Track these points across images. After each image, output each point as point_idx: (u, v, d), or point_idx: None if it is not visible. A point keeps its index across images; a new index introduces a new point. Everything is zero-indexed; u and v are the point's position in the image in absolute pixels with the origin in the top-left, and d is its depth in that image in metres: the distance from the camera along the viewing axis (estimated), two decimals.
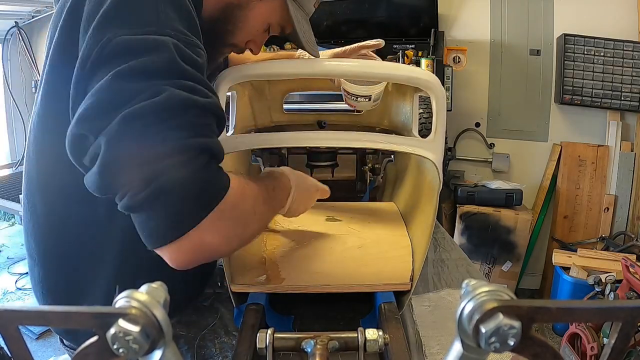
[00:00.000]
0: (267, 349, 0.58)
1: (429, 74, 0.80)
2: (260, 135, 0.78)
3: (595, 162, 2.68)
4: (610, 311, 0.28)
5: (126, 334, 0.25)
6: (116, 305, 0.26)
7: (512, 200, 2.52)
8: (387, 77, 0.91)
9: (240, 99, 1.07)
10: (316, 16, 0.87)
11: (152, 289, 0.27)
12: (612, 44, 2.50)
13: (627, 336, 0.28)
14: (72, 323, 0.26)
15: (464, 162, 2.91)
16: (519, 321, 0.25)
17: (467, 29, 2.80)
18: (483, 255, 2.58)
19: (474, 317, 0.25)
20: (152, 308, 0.25)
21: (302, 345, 0.59)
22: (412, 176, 1.08)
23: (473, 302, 0.25)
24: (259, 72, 0.83)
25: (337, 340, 0.58)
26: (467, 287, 0.26)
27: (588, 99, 2.57)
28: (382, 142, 0.75)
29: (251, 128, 1.23)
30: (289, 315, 0.87)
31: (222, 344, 0.81)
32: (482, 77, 2.83)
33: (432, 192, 0.84)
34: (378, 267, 0.85)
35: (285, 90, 1.31)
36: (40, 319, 0.27)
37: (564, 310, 0.27)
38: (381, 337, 0.58)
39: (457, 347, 0.27)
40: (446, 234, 1.35)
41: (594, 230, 2.69)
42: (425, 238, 0.83)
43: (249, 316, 0.76)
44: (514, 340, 0.25)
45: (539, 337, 0.26)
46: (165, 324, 0.26)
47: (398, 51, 2.35)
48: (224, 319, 0.90)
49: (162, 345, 0.26)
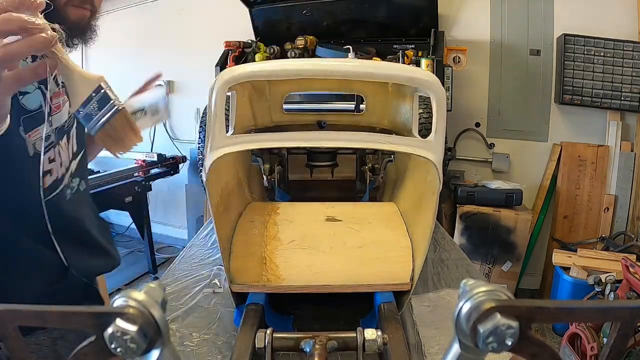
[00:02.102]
0: (266, 349, 0.59)
1: (429, 74, 0.80)
2: (260, 135, 0.78)
3: (595, 162, 2.68)
4: (609, 311, 0.28)
5: (124, 334, 0.25)
6: (114, 304, 0.26)
7: (512, 200, 2.52)
8: (387, 77, 0.91)
9: (240, 99, 1.07)
10: (316, 16, 0.87)
11: (150, 288, 0.27)
12: (612, 44, 2.50)
13: (626, 336, 0.28)
14: (69, 323, 0.26)
15: (464, 162, 2.92)
16: (517, 321, 0.25)
17: (467, 29, 2.80)
18: (483, 255, 2.58)
19: (472, 317, 0.25)
20: (149, 308, 0.25)
21: (301, 345, 0.59)
22: (412, 176, 1.08)
23: (471, 302, 0.25)
24: (259, 72, 0.83)
25: (336, 340, 0.58)
26: (464, 287, 0.26)
27: (588, 99, 2.57)
28: (382, 142, 0.75)
29: (251, 128, 1.23)
30: (289, 315, 0.87)
31: (221, 344, 0.81)
32: (482, 77, 2.83)
33: (432, 192, 0.84)
34: (378, 267, 0.85)
35: (285, 90, 1.31)
36: (38, 318, 0.27)
37: (561, 310, 0.27)
38: (380, 337, 0.58)
39: (454, 347, 0.27)
40: (446, 234, 1.35)
41: (594, 230, 2.69)
42: (425, 238, 0.83)
43: (248, 316, 0.76)
44: (511, 340, 0.25)
45: (537, 337, 0.26)
46: (163, 323, 0.26)
47: (398, 51, 2.35)
48: (223, 319, 0.90)
49: (159, 344, 0.26)
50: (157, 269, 3.26)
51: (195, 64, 3.36)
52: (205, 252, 1.20)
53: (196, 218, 3.47)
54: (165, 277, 1.07)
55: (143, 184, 3.05)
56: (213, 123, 0.74)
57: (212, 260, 1.15)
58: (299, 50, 2.41)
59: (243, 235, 0.95)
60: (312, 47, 2.45)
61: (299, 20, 2.53)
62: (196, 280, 1.05)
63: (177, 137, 3.63)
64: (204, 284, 1.03)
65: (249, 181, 1.20)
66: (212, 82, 0.77)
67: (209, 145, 0.74)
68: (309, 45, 2.42)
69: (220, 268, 1.07)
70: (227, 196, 0.96)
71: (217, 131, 0.74)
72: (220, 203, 0.88)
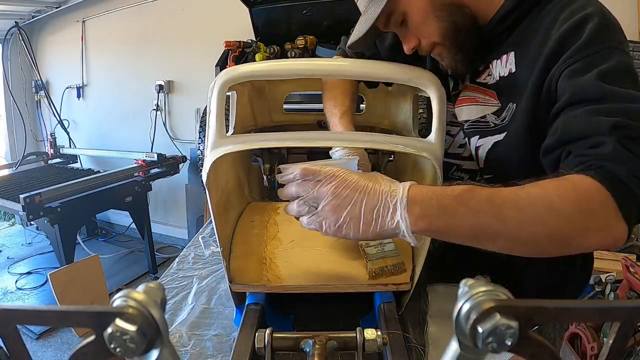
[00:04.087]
0: (265, 349, 0.59)
1: (429, 74, 0.80)
2: (260, 135, 0.78)
3: None
4: (608, 311, 0.28)
5: (123, 334, 0.25)
6: (113, 304, 0.26)
7: None
8: (387, 77, 0.90)
9: (240, 99, 1.07)
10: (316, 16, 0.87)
11: (149, 288, 0.27)
12: None
13: (626, 336, 0.28)
14: (69, 322, 0.26)
15: None
16: (516, 321, 0.25)
17: None
18: None
19: (471, 317, 0.25)
20: (149, 307, 0.25)
21: (300, 345, 0.59)
22: (412, 176, 1.08)
23: (470, 302, 0.25)
24: (259, 72, 0.83)
25: (335, 340, 0.58)
26: (464, 287, 0.26)
27: None
28: (382, 142, 0.75)
29: (251, 128, 1.23)
30: (289, 315, 0.87)
31: (221, 344, 0.82)
32: None
33: None
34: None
35: (285, 91, 1.31)
36: (37, 318, 0.27)
37: (561, 310, 0.27)
38: (380, 337, 0.58)
39: (454, 347, 0.27)
40: None
41: None
42: (425, 238, 0.82)
43: (248, 316, 0.77)
44: (511, 341, 0.25)
45: (537, 337, 0.26)
46: (162, 323, 0.26)
47: None
48: (223, 318, 0.90)
49: (159, 344, 0.26)
50: (157, 269, 3.27)
51: (195, 64, 3.36)
52: (205, 251, 1.20)
53: (196, 218, 3.47)
54: (164, 277, 1.07)
55: (143, 184, 3.06)
56: (213, 123, 0.74)
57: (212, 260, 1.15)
58: (299, 50, 2.41)
59: (243, 235, 0.95)
60: (312, 47, 2.45)
61: (299, 20, 2.53)
62: (196, 280, 1.05)
63: (177, 137, 3.63)
64: (203, 284, 1.03)
65: (249, 181, 1.20)
66: (212, 82, 0.77)
67: (209, 145, 0.74)
68: (309, 45, 2.42)
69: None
70: (227, 196, 0.96)
71: (217, 131, 0.74)
72: (220, 203, 0.88)
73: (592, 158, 0.58)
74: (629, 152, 0.57)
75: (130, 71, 3.73)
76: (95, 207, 2.99)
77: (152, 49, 3.58)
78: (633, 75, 0.64)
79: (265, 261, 0.86)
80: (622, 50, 0.65)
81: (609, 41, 0.65)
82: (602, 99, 0.61)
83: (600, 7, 0.69)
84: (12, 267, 3.34)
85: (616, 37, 0.67)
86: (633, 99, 0.60)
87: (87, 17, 3.84)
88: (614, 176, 0.56)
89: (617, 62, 0.63)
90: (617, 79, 0.62)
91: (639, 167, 0.56)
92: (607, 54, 0.64)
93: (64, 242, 2.54)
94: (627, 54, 0.65)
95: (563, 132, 0.64)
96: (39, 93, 4.27)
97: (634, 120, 0.58)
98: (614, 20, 0.69)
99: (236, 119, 1.05)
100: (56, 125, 4.08)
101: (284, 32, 2.57)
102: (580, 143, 0.61)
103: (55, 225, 2.50)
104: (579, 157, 0.61)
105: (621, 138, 0.57)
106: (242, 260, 0.86)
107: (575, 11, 0.69)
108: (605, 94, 0.61)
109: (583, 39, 0.65)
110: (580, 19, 0.67)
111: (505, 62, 0.79)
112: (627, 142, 0.57)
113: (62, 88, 4.12)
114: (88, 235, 3.95)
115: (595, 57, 0.64)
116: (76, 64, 3.98)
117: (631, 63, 0.65)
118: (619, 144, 0.57)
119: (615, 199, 0.56)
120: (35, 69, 4.16)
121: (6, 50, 4.08)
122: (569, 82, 0.65)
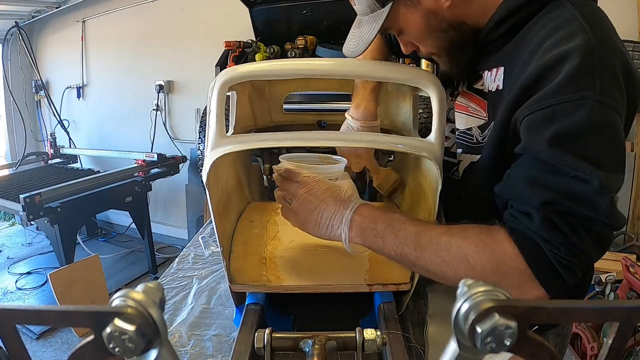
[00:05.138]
0: (265, 349, 0.59)
1: (429, 74, 0.80)
2: (260, 135, 0.78)
3: None
4: (607, 311, 0.27)
5: (122, 333, 0.25)
6: (112, 304, 0.26)
7: None
8: (387, 77, 0.91)
9: (240, 99, 1.07)
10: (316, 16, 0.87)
11: (148, 288, 0.27)
12: None
13: (625, 336, 0.28)
14: (68, 322, 0.26)
15: None
16: (515, 321, 0.25)
17: None
18: None
19: (470, 317, 0.25)
20: (148, 307, 0.25)
21: (300, 344, 0.59)
22: (412, 176, 1.08)
23: (469, 302, 0.25)
24: (259, 72, 0.83)
25: (335, 340, 0.58)
26: (463, 287, 0.26)
27: None
28: (382, 142, 0.75)
29: (251, 128, 1.23)
30: (289, 315, 0.87)
31: (221, 344, 0.82)
32: None
33: (432, 192, 0.84)
34: (378, 267, 0.85)
35: (285, 90, 1.31)
36: (37, 318, 0.27)
37: (560, 310, 0.27)
38: (379, 337, 0.58)
39: (453, 347, 0.27)
40: None
41: None
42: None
43: (248, 316, 0.76)
44: (510, 341, 0.25)
45: (536, 337, 0.26)
46: (161, 323, 0.26)
47: None
48: (223, 318, 0.90)
49: (158, 344, 0.26)
50: (157, 269, 3.27)
51: (195, 64, 3.36)
52: (205, 251, 1.20)
53: (196, 218, 3.48)
54: (164, 277, 1.07)
55: (143, 184, 3.06)
56: (213, 123, 0.74)
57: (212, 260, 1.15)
58: (299, 50, 2.41)
59: (243, 235, 0.95)
60: (312, 47, 2.45)
61: (299, 20, 2.53)
62: (196, 280, 1.05)
63: (177, 137, 3.63)
64: (203, 284, 1.03)
65: (249, 181, 1.20)
66: (212, 82, 0.77)
67: (208, 145, 0.74)
68: (309, 45, 2.42)
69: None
70: (227, 196, 0.96)
71: (217, 131, 0.74)
72: (220, 203, 0.88)
73: (521, 224, 0.63)
74: (553, 229, 0.60)
75: (130, 71, 3.73)
76: (95, 207, 2.99)
77: (152, 49, 3.58)
78: (596, 130, 0.59)
79: (265, 261, 0.86)
80: (595, 100, 0.58)
81: (582, 90, 0.59)
82: (546, 168, 0.61)
83: (589, 39, 0.61)
84: (12, 267, 3.34)
85: (594, 83, 0.59)
86: (577, 168, 0.58)
87: (87, 17, 3.84)
88: (535, 249, 0.61)
89: (581, 118, 0.58)
90: (573, 141, 0.59)
91: (559, 243, 0.60)
92: (575, 106, 0.59)
93: (64, 242, 2.54)
94: (601, 103, 0.58)
95: (507, 184, 0.68)
96: (39, 93, 4.27)
97: (565, 198, 0.59)
98: (602, 53, 0.60)
99: (236, 119, 1.05)
100: (56, 125, 4.09)
101: (284, 32, 2.57)
102: (516, 204, 0.66)
103: (55, 225, 2.50)
104: (512, 217, 0.65)
105: (549, 213, 0.60)
106: (242, 260, 0.86)
107: (560, 41, 0.63)
108: (552, 159, 0.60)
109: (555, 81, 0.60)
110: (561, 56, 0.61)
111: (494, 77, 0.77)
112: (555, 218, 0.60)
113: (62, 88, 4.12)
114: (88, 235, 3.95)
115: (560, 108, 0.60)
116: (76, 64, 3.99)
117: (601, 114, 0.59)
118: (547, 220, 0.60)
119: (532, 268, 0.61)
120: (35, 69, 4.16)
121: (6, 50, 4.08)
122: (526, 134, 0.63)
